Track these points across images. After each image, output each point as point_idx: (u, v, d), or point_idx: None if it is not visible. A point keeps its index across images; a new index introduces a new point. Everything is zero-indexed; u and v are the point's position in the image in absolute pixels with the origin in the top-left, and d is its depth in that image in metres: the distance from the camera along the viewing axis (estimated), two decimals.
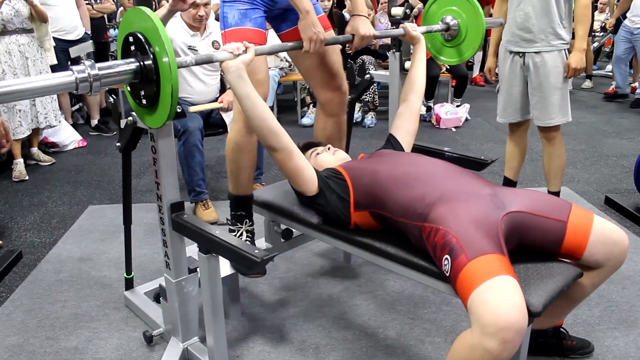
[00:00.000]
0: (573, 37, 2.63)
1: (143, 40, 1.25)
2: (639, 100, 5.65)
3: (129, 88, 1.38)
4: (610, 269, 1.53)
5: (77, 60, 4.71)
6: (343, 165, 1.75)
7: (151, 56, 1.24)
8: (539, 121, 2.74)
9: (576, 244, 1.48)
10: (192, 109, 3.04)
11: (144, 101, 1.33)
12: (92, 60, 1.22)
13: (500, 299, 1.19)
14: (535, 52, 2.64)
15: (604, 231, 1.49)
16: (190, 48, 3.05)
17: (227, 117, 3.18)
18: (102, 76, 1.19)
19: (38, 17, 3.84)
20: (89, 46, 1.27)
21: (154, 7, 5.27)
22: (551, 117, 2.70)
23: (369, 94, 5.18)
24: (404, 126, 1.97)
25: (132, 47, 1.29)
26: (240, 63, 1.47)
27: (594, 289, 1.62)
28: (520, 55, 2.70)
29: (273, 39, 5.16)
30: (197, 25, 3.06)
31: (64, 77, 1.15)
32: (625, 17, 5.52)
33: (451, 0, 2.15)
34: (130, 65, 1.26)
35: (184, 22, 3.06)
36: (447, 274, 1.33)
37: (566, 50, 2.65)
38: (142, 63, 1.25)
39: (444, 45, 2.26)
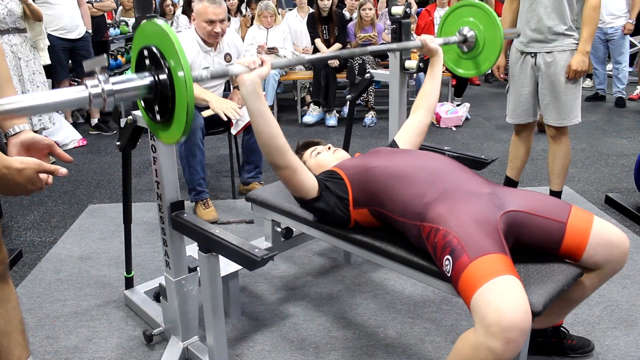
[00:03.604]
0: None
1: (158, 53, 1.20)
2: (621, 99, 5.66)
3: (142, 103, 1.33)
4: (610, 270, 1.53)
5: (75, 59, 4.71)
6: (338, 165, 1.74)
7: (166, 70, 1.19)
8: (550, 121, 2.73)
9: (575, 245, 1.47)
10: (204, 113, 3.03)
11: (157, 117, 1.27)
12: (106, 75, 1.17)
13: (504, 298, 1.19)
14: (547, 52, 2.64)
15: (603, 233, 1.48)
16: (205, 70, 3.01)
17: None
18: (116, 91, 1.15)
19: (32, 15, 3.82)
20: (103, 60, 1.24)
21: (154, 6, 5.26)
22: (562, 118, 2.70)
23: (364, 94, 5.18)
24: (409, 139, 1.94)
25: (147, 61, 1.25)
26: (256, 77, 1.43)
27: (594, 289, 1.62)
28: (532, 55, 2.70)
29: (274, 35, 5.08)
30: (212, 42, 2.99)
31: (77, 92, 1.12)
32: None
33: (468, 12, 2.09)
34: (144, 79, 1.21)
35: (199, 37, 2.98)
36: (449, 274, 1.33)
37: None
38: (156, 77, 1.21)
39: (460, 57, 2.20)
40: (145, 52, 1.24)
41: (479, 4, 2.09)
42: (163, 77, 1.20)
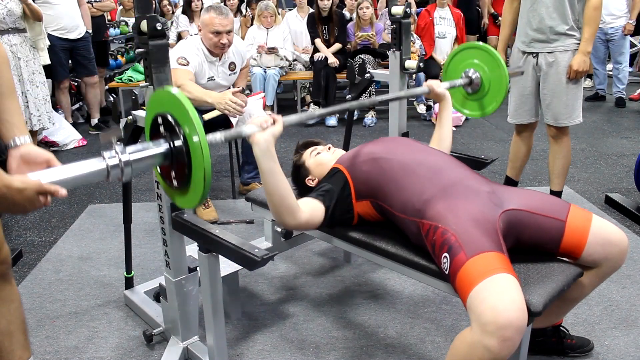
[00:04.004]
0: None
1: (172, 121, 1.22)
2: (621, 99, 5.66)
3: (158, 169, 1.34)
4: (609, 269, 1.53)
5: (76, 58, 4.70)
6: (338, 160, 1.75)
7: (181, 137, 1.21)
8: (551, 121, 2.73)
9: (574, 243, 1.48)
10: (206, 116, 3.03)
11: (174, 182, 1.28)
12: (122, 145, 1.18)
13: (500, 296, 1.19)
14: (549, 52, 2.63)
15: (602, 232, 1.48)
16: (209, 79, 3.00)
17: (233, 118, 3.18)
18: (133, 161, 1.17)
19: (32, 15, 3.81)
20: (118, 131, 1.27)
21: (154, 7, 5.26)
22: (563, 118, 2.69)
23: (366, 94, 5.17)
24: None
25: (161, 128, 1.26)
26: (270, 136, 1.42)
27: (593, 288, 1.62)
28: (534, 55, 2.69)
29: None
30: (218, 52, 2.96)
31: (95, 165, 1.13)
32: None
33: (472, 54, 2.09)
34: (160, 147, 1.23)
35: (205, 47, 2.95)
36: (446, 272, 1.34)
37: None
38: (172, 144, 1.23)
39: (466, 98, 2.19)
40: (160, 120, 1.25)
41: (483, 46, 2.09)
42: (178, 143, 1.21)
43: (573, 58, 2.59)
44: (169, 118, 1.22)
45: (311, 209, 1.58)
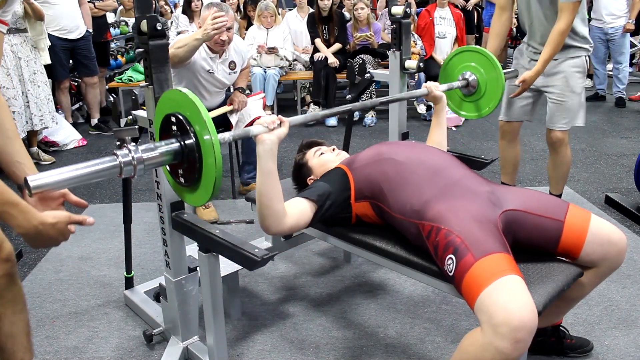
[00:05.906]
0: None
1: (183, 120, 1.25)
2: (621, 99, 5.66)
3: (167, 167, 1.37)
4: (608, 269, 1.53)
5: (76, 58, 4.70)
6: (342, 162, 1.75)
7: (193, 135, 1.25)
8: (551, 125, 2.70)
9: (573, 243, 1.48)
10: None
11: (182, 179, 1.33)
12: (135, 144, 1.22)
13: (512, 298, 1.19)
14: (554, 60, 2.58)
15: (601, 231, 1.48)
16: (208, 72, 2.99)
17: (233, 118, 3.17)
18: (146, 159, 1.22)
19: (34, 15, 3.81)
20: (134, 131, 1.31)
21: (154, 6, 5.26)
22: (563, 123, 2.67)
23: (366, 93, 5.18)
24: None
25: (174, 127, 1.30)
26: (275, 138, 1.44)
27: (592, 288, 1.62)
28: None
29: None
30: (218, 49, 2.95)
31: (108, 162, 1.17)
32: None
33: (469, 57, 2.13)
34: (171, 145, 1.27)
35: (205, 44, 2.91)
36: (451, 274, 1.33)
37: (586, 57, 2.59)
38: (183, 142, 1.27)
39: (463, 100, 2.22)
40: (173, 119, 1.29)
41: (480, 49, 2.10)
42: (189, 141, 1.25)
43: (526, 72, 2.53)
44: (181, 117, 1.26)
45: (299, 211, 1.55)
